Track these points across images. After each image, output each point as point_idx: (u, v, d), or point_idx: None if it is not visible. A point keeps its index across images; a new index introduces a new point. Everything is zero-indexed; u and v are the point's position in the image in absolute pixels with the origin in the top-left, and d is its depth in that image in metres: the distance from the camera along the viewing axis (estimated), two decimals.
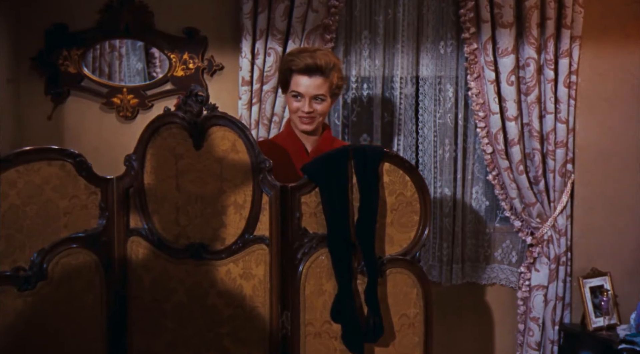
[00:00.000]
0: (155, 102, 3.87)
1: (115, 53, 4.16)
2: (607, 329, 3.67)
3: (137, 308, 3.01)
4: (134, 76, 4.22)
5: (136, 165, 2.97)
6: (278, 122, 3.71)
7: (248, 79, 3.73)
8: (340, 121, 3.89)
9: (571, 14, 3.61)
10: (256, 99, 3.72)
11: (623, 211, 3.78)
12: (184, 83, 3.83)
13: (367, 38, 3.86)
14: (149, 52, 4.16)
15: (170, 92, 3.89)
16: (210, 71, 3.87)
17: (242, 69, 3.73)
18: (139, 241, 2.99)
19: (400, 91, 3.87)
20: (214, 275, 2.96)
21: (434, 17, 3.81)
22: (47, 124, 3.88)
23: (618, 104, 3.75)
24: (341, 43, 3.83)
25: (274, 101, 3.70)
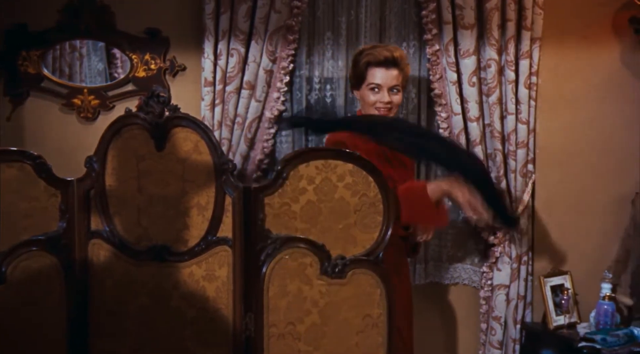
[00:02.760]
0: (117, 103, 3.84)
1: (75, 53, 4.11)
2: (567, 327, 3.72)
3: (99, 311, 2.98)
4: (95, 77, 4.18)
5: (97, 167, 2.94)
6: (241, 123, 3.70)
7: (211, 79, 3.72)
8: None
9: (531, 15, 3.66)
10: (219, 100, 3.71)
11: (583, 210, 3.84)
12: (146, 84, 3.80)
13: (330, 39, 3.87)
14: (111, 53, 4.12)
15: (131, 93, 3.86)
16: (172, 72, 3.85)
17: (205, 70, 3.72)
18: (100, 244, 2.97)
19: None
20: (176, 277, 2.94)
21: (396, 19, 3.83)
22: (6, 126, 3.84)
23: (578, 104, 3.81)
24: (304, 44, 3.83)
25: (237, 102, 3.70)
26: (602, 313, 3.68)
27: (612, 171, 3.86)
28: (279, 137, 3.88)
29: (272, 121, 3.80)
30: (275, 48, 3.75)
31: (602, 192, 3.86)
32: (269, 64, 3.74)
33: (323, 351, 3.02)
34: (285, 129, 3.76)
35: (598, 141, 3.84)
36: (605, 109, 3.84)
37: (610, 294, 3.72)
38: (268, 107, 3.80)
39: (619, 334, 3.56)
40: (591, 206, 3.87)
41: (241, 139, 3.74)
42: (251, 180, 3.58)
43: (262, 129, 3.81)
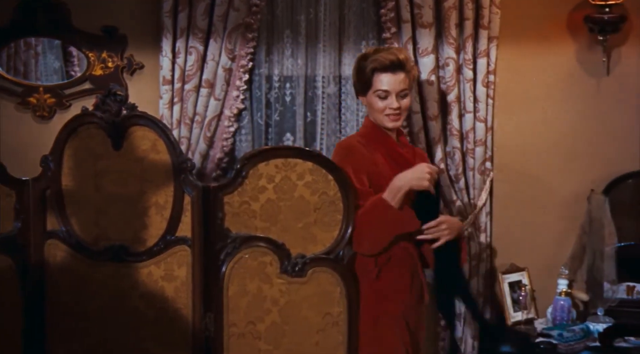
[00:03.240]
0: (74, 102, 3.80)
1: (31, 51, 4.05)
2: (525, 323, 3.78)
3: (56, 313, 2.94)
4: (51, 75, 4.12)
5: (53, 166, 2.90)
6: (200, 122, 3.68)
7: (169, 78, 3.69)
8: (263, 120, 3.89)
9: (488, 14, 3.69)
10: (177, 99, 3.68)
11: (540, 208, 3.89)
12: (103, 82, 3.76)
13: (289, 37, 3.87)
14: (67, 51, 4.07)
15: (88, 91, 3.82)
16: (130, 70, 3.81)
17: (163, 68, 3.70)
18: (56, 244, 2.93)
19: (323, 90, 3.89)
20: (135, 277, 2.92)
21: (355, 17, 3.84)
22: None
23: (534, 103, 3.86)
24: (263, 42, 3.82)
25: (196, 100, 3.68)
26: (559, 309, 3.74)
27: (568, 168, 3.91)
28: (239, 136, 3.88)
29: (231, 119, 3.79)
30: (234, 46, 3.73)
31: (558, 189, 3.91)
32: (228, 62, 3.73)
33: (283, 350, 3.01)
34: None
35: (554, 139, 3.89)
36: (561, 107, 3.90)
37: (567, 289, 3.77)
38: (227, 105, 3.79)
39: (575, 329, 3.61)
40: (548, 203, 3.92)
41: (200, 138, 3.72)
42: (210, 179, 3.56)
43: (221, 128, 3.79)
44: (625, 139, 3.90)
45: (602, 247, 3.82)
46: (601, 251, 3.82)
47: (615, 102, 3.90)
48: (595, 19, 3.75)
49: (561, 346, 3.57)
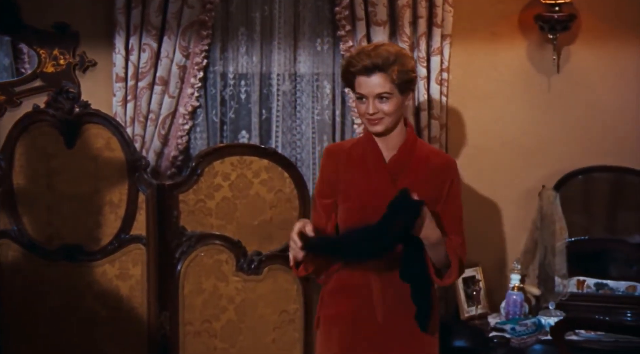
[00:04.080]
0: (24, 100, 3.76)
1: None
2: (478, 318, 3.85)
3: (9, 313, 2.92)
4: (0, 72, 4.07)
5: (4, 165, 2.87)
6: (154, 120, 3.68)
7: (122, 75, 3.68)
8: (218, 118, 3.90)
9: (441, 13, 3.75)
10: (131, 96, 3.67)
11: (492, 204, 3.96)
12: (55, 79, 3.74)
13: (244, 34, 3.87)
14: (17, 48, 4.02)
15: (40, 89, 3.79)
16: (82, 67, 3.79)
17: (116, 66, 3.69)
18: (8, 244, 2.90)
19: (278, 87, 3.90)
20: (89, 276, 2.91)
21: (310, 15, 3.87)
22: None
23: (487, 100, 3.93)
24: (218, 40, 3.83)
25: (150, 98, 3.68)
26: (512, 303, 3.81)
27: (520, 165, 3.99)
28: (193, 134, 3.88)
29: (186, 117, 3.78)
30: (189, 43, 3.74)
31: (510, 186, 3.99)
32: (182, 59, 3.73)
33: (239, 348, 3.03)
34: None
35: (506, 136, 3.96)
36: (513, 104, 3.97)
37: (519, 284, 3.85)
38: (182, 103, 3.78)
39: (527, 323, 3.69)
40: (500, 200, 3.99)
41: (155, 136, 3.71)
42: (165, 177, 3.55)
43: (175, 125, 3.78)
44: (575, 136, 3.99)
45: (554, 242, 3.90)
46: (552, 246, 3.90)
47: (565, 99, 3.98)
48: (546, 18, 3.82)
49: (514, 340, 3.64)
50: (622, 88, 3.97)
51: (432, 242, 2.48)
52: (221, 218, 2.87)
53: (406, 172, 2.61)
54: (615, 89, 3.97)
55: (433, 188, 2.59)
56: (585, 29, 3.93)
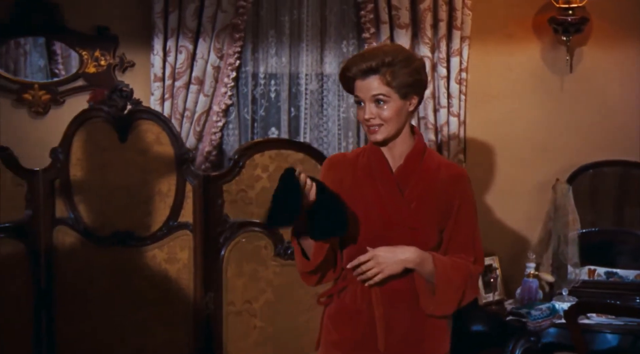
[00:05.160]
0: (67, 98, 4.15)
1: (20, 50, 4.41)
2: (495, 304, 4.19)
3: (65, 294, 3.31)
4: (36, 73, 4.43)
5: (62, 157, 3.25)
6: (190, 117, 4.06)
7: (160, 75, 4.07)
8: (249, 115, 4.27)
9: (461, 16, 4.12)
10: (168, 95, 4.06)
11: (509, 197, 4.35)
12: (96, 79, 4.14)
13: (273, 37, 4.26)
14: (51, 50, 4.37)
15: (82, 88, 4.21)
16: (121, 68, 4.19)
17: (154, 66, 4.08)
18: (65, 230, 3.28)
19: (306, 87, 4.28)
20: (139, 261, 3.28)
21: (336, 19, 4.28)
22: None
23: (503, 98, 4.32)
24: (249, 42, 4.22)
25: (186, 97, 4.06)
26: (527, 290, 4.17)
27: (534, 159, 4.37)
28: (226, 130, 4.26)
29: (219, 115, 4.15)
30: (222, 45, 4.12)
31: (525, 179, 4.37)
32: (217, 60, 4.11)
33: (276, 327, 3.40)
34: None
35: (522, 132, 4.34)
36: (528, 102, 4.35)
37: (534, 272, 4.22)
38: (216, 101, 4.17)
39: (542, 308, 4.05)
40: (516, 192, 4.37)
41: (190, 132, 4.08)
42: (200, 171, 3.91)
43: (210, 122, 4.16)
44: (586, 132, 4.37)
45: (567, 232, 4.27)
46: (565, 236, 4.26)
47: (577, 98, 4.37)
48: (559, 21, 4.20)
49: (530, 323, 4.00)
50: (630, 87, 4.38)
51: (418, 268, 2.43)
52: (261, 207, 3.25)
53: (415, 183, 2.50)
54: (623, 88, 4.38)
55: (443, 201, 2.49)
56: (596, 32, 4.32)
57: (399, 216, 2.46)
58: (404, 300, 2.47)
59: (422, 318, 2.49)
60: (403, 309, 2.48)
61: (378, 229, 2.43)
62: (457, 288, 2.46)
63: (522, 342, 4.06)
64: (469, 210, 2.53)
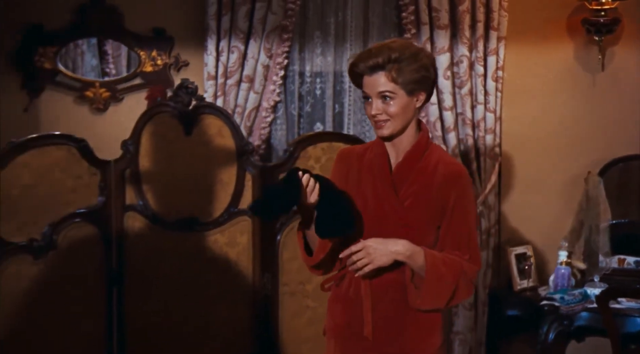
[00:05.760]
0: (126, 95, 4.69)
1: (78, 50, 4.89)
2: (529, 290, 4.67)
3: (133, 275, 3.85)
4: (89, 72, 4.89)
5: (132, 149, 3.78)
6: (241, 113, 4.63)
7: (213, 74, 4.64)
8: (296, 111, 4.79)
9: (497, 17, 4.66)
10: (220, 92, 4.60)
11: (542, 189, 4.87)
12: (153, 78, 4.71)
13: (319, 38, 4.79)
14: (102, 50, 4.89)
15: (139, 86, 4.79)
16: (176, 67, 4.73)
17: (208, 65, 4.64)
18: (134, 216, 3.82)
19: (349, 84, 4.73)
20: (202, 244, 3.80)
21: (378, 20, 4.85)
22: (24, 117, 4.61)
23: (537, 95, 4.86)
24: (297, 42, 4.73)
25: (237, 94, 4.62)
26: (560, 276, 4.67)
27: (567, 153, 4.92)
28: (274, 125, 4.79)
29: (268, 111, 4.64)
30: (272, 46, 4.69)
31: (559, 171, 4.88)
32: (266, 60, 4.67)
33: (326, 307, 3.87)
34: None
35: (555, 127, 4.88)
36: (561, 99, 4.88)
37: (566, 260, 4.68)
38: (265, 98, 4.70)
39: (575, 293, 4.56)
40: (550, 184, 4.89)
41: (241, 127, 4.54)
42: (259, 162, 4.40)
43: (259, 118, 4.71)
44: (617, 127, 4.99)
45: (598, 223, 4.80)
46: (597, 226, 4.79)
47: (608, 95, 5.01)
48: (592, 22, 4.73)
49: (563, 307, 4.51)
50: None
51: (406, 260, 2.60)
52: None
53: (411, 180, 2.66)
54: None
55: (438, 199, 2.65)
56: (627, 32, 4.94)
57: (392, 214, 2.63)
58: (394, 292, 2.65)
59: (411, 311, 2.66)
60: (392, 300, 2.66)
61: (372, 225, 2.61)
62: (446, 283, 2.60)
63: (555, 325, 4.56)
64: (465, 208, 2.65)
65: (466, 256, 2.63)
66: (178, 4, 4.89)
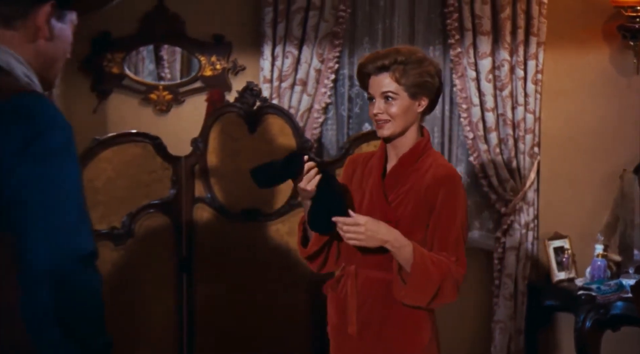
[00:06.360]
0: (187, 98, 5.34)
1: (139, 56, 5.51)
2: (567, 281, 5.28)
3: (202, 261, 4.47)
4: (146, 76, 5.51)
5: (201, 146, 4.38)
6: (294, 114, 5.19)
7: (269, 77, 5.38)
8: (346, 113, 5.43)
9: (537, 24, 5.35)
10: (275, 95, 5.30)
11: (579, 185, 5.58)
12: (212, 81, 5.44)
13: (368, 43, 5.48)
14: (158, 55, 5.50)
15: (199, 89, 5.57)
16: (234, 71, 5.45)
17: (264, 70, 5.38)
18: (203, 207, 4.49)
19: None
20: (265, 234, 4.45)
21: (423, 27, 5.52)
22: (92, 117, 5.29)
23: (574, 98, 5.57)
24: (347, 47, 5.33)
25: (291, 96, 5.35)
26: (596, 268, 5.31)
27: (603, 151, 5.64)
28: (325, 126, 5.46)
29: (319, 112, 5.28)
30: (324, 51, 5.40)
31: (595, 169, 5.60)
32: (318, 64, 5.38)
33: None
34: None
35: (592, 127, 5.63)
36: (597, 101, 5.60)
37: (603, 252, 5.23)
38: (317, 100, 5.40)
39: (611, 283, 5.18)
40: (586, 181, 5.60)
41: None
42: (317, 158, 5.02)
43: (311, 119, 5.41)
44: None
45: (632, 218, 5.45)
46: (631, 221, 5.42)
47: None
48: (628, 28, 5.48)
49: (599, 297, 5.13)
50: None
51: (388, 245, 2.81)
52: None
53: (402, 182, 2.93)
54: None
55: (427, 198, 2.89)
56: None
57: (380, 211, 2.91)
58: (380, 291, 2.92)
59: (397, 310, 2.90)
60: (377, 299, 2.92)
61: None
62: (431, 281, 2.79)
63: (592, 314, 5.20)
64: (452, 209, 2.87)
65: (453, 258, 2.82)
66: (236, 12, 5.59)
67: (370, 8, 5.77)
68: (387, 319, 2.91)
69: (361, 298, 2.91)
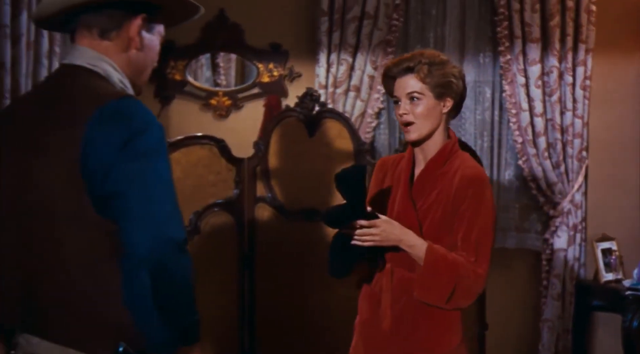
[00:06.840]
0: (245, 103, 5.79)
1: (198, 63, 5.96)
2: (615, 282, 5.70)
3: (262, 257, 4.94)
4: (204, 82, 5.95)
5: (263, 148, 4.85)
6: None
7: (324, 84, 5.93)
8: None
9: (586, 31, 5.92)
10: (330, 100, 5.79)
11: (626, 188, 6.13)
12: (269, 88, 5.98)
13: None
14: (215, 63, 5.95)
15: (257, 95, 6.10)
16: (290, 78, 5.90)
17: (319, 76, 5.93)
18: (264, 207, 5.01)
19: None
20: (321, 232, 4.97)
21: (474, 35, 6.03)
22: None
23: (622, 103, 6.11)
24: (399, 55, 5.67)
25: (345, 102, 5.81)
26: None
27: None
28: (378, 130, 5.90)
29: (372, 117, 5.74)
30: (377, 58, 5.95)
31: None
32: (372, 71, 5.93)
33: None
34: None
35: (637, 131, 5.80)
36: None
37: None
38: (370, 105, 5.92)
39: None
40: (632, 184, 6.18)
41: None
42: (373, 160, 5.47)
43: (364, 123, 5.92)
44: None
45: None
46: None
47: None
48: None
49: None
50: None
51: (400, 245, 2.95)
52: None
53: (431, 186, 3.06)
54: None
55: (455, 201, 3.00)
56: None
57: (408, 222, 3.04)
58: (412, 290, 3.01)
59: (428, 309, 3.01)
60: (410, 297, 3.01)
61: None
62: (441, 281, 2.92)
63: (639, 314, 5.39)
64: (476, 211, 2.97)
65: (472, 258, 2.92)
66: (293, 21, 6.11)
67: (422, 17, 6.31)
68: (419, 317, 3.03)
69: (396, 294, 3.06)
